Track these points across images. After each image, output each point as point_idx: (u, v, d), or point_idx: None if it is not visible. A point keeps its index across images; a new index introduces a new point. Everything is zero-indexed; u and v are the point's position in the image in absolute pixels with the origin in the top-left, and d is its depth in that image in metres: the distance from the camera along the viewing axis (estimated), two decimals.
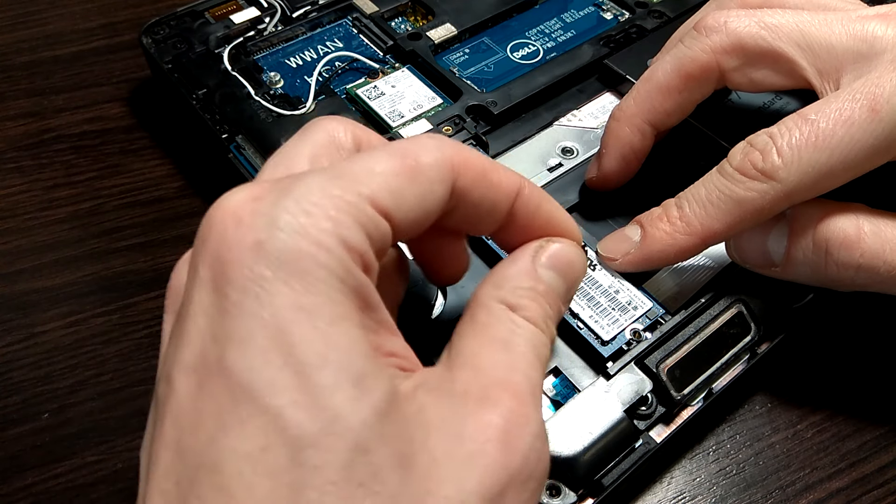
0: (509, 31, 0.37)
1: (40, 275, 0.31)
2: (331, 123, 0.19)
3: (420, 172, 0.16)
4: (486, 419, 0.16)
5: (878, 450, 0.27)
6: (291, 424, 0.13)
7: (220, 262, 0.14)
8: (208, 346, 0.14)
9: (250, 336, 0.14)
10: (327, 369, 0.14)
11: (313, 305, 0.14)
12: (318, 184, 0.15)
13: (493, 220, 0.19)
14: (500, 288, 0.18)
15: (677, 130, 0.32)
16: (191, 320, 0.15)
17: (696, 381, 0.25)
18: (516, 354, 0.17)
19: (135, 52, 0.39)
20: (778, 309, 0.27)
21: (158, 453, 0.15)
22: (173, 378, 0.15)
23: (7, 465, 0.25)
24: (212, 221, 0.15)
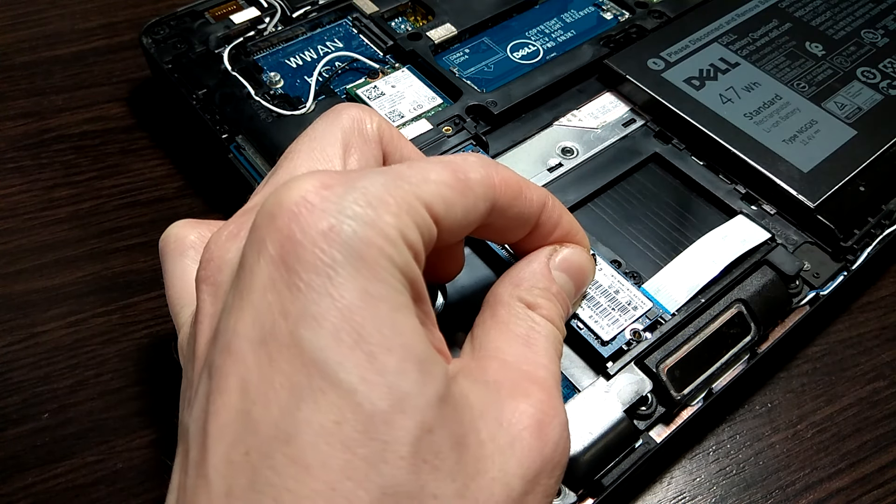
0: (509, 31, 0.37)
1: (40, 275, 0.31)
2: (356, 111, 0.20)
3: (469, 188, 0.17)
4: (521, 408, 0.17)
5: (878, 450, 0.27)
6: (364, 400, 0.14)
7: (292, 241, 0.15)
8: (278, 321, 0.15)
9: (322, 315, 0.14)
10: (394, 353, 0.15)
11: (379, 292, 0.15)
12: (382, 182, 0.16)
13: (521, 231, 0.20)
14: (518, 287, 0.20)
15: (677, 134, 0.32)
16: (255, 293, 0.15)
17: (696, 381, 0.25)
18: (538, 350, 0.19)
19: (135, 52, 0.39)
20: (778, 309, 0.27)
21: (222, 423, 0.15)
22: (237, 348, 0.15)
23: (7, 465, 0.25)
24: (282, 202, 0.15)
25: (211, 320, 0.17)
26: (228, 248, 0.18)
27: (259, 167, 0.30)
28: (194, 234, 0.22)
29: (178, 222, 0.22)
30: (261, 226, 0.16)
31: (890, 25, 0.36)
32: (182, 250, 0.22)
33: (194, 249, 0.22)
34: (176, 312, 0.21)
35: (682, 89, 0.32)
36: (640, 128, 0.32)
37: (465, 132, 0.31)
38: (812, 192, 0.28)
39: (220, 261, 0.18)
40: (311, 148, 0.19)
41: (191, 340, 0.18)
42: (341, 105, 0.21)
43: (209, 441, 0.15)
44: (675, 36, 0.35)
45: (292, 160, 0.19)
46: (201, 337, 0.17)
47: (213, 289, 0.17)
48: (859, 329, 0.30)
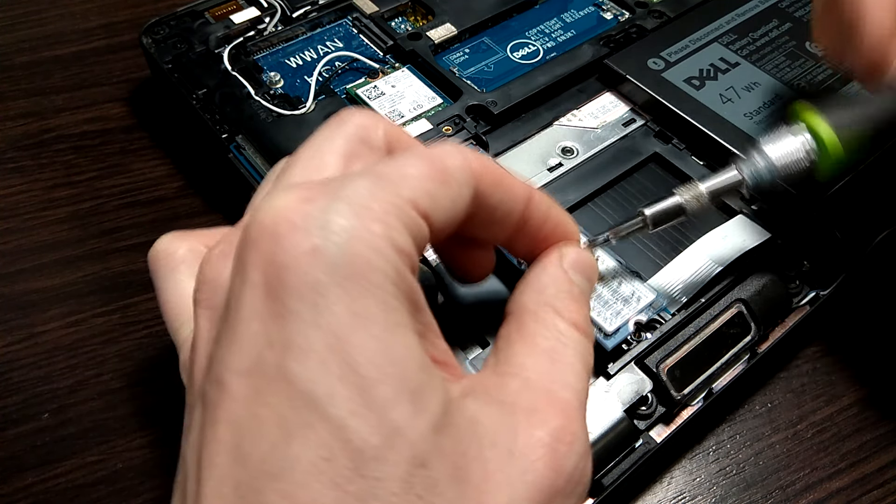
0: (509, 31, 0.37)
1: (40, 275, 0.31)
2: (362, 118, 0.19)
3: (450, 176, 0.17)
4: (536, 435, 0.16)
5: (878, 450, 0.27)
6: (354, 436, 0.13)
7: (274, 265, 0.14)
8: (265, 352, 0.14)
9: (309, 345, 0.14)
10: (385, 382, 0.14)
11: (369, 312, 0.14)
12: (365, 186, 0.15)
13: (508, 223, 0.19)
14: (542, 293, 0.19)
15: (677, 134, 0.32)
16: (243, 324, 0.15)
17: (696, 381, 0.25)
18: (564, 365, 0.18)
19: (135, 52, 0.39)
20: (778, 309, 0.27)
21: (213, 457, 0.14)
22: (226, 381, 0.14)
23: (7, 465, 0.25)
24: (262, 223, 0.15)
25: (206, 346, 0.16)
26: (221, 269, 0.17)
27: (259, 167, 0.30)
28: (184, 248, 0.21)
29: (164, 236, 0.22)
30: (243, 250, 0.15)
31: None
32: (173, 266, 0.21)
33: (185, 264, 0.21)
34: (175, 330, 0.20)
35: (682, 89, 0.32)
36: (640, 128, 0.32)
37: (465, 132, 0.31)
38: (812, 191, 0.28)
39: (215, 283, 0.17)
40: (310, 157, 0.18)
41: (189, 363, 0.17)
42: (346, 111, 0.19)
43: (202, 473, 0.14)
44: (675, 36, 0.35)
45: (289, 171, 0.18)
46: (197, 363, 0.17)
47: (209, 312, 0.17)
48: (859, 329, 0.30)
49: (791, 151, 0.24)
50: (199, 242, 0.22)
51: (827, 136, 0.23)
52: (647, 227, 0.23)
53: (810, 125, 0.24)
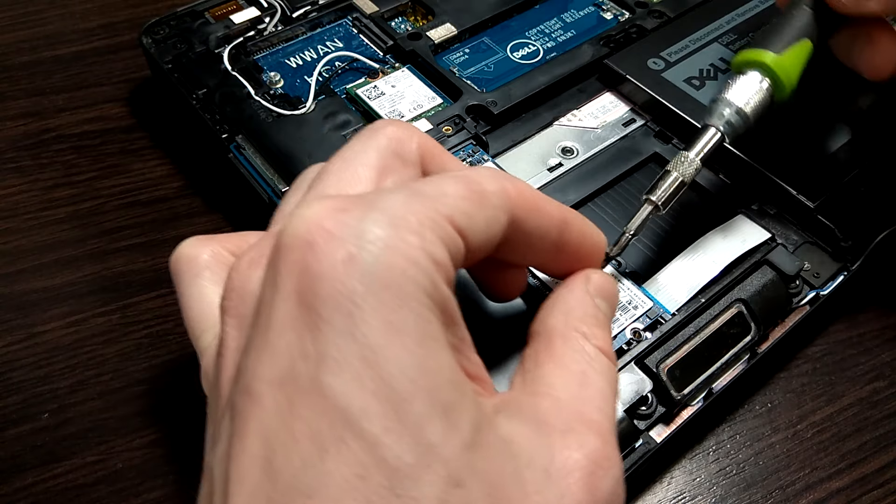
0: (509, 31, 0.37)
1: (40, 275, 0.31)
2: (395, 130, 0.19)
3: (486, 199, 0.17)
4: (573, 457, 0.16)
5: (878, 450, 0.27)
6: (388, 453, 0.13)
7: (309, 274, 0.14)
8: (298, 363, 0.14)
9: (344, 357, 0.14)
10: (418, 398, 0.14)
11: (404, 324, 0.14)
12: (401, 199, 0.15)
13: (542, 248, 0.19)
14: (570, 316, 0.19)
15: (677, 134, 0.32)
16: (275, 333, 0.14)
17: (696, 381, 0.25)
18: (595, 390, 0.17)
19: (135, 52, 0.39)
20: (778, 309, 0.27)
21: (243, 472, 0.14)
22: (257, 391, 0.14)
23: (7, 465, 0.25)
24: (296, 231, 0.14)
25: (234, 355, 0.16)
26: (250, 277, 0.17)
27: (259, 167, 0.30)
28: (207, 253, 0.21)
29: (187, 241, 0.21)
30: (277, 259, 0.15)
31: None
32: (196, 271, 0.21)
33: (210, 270, 0.21)
34: (196, 336, 0.20)
35: (682, 89, 0.32)
36: (640, 128, 0.32)
37: (465, 132, 0.31)
38: (812, 192, 0.28)
39: (243, 291, 0.17)
40: (342, 168, 0.18)
41: (215, 372, 0.17)
42: (381, 122, 0.19)
43: (231, 487, 0.14)
44: (675, 36, 0.35)
45: (321, 182, 0.18)
46: (224, 372, 0.16)
47: (236, 321, 0.16)
48: (859, 329, 0.30)
49: (749, 91, 0.25)
50: (222, 248, 0.21)
51: (770, 59, 0.25)
52: (660, 209, 0.24)
53: (753, 60, 0.25)
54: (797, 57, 0.25)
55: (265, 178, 0.30)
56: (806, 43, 0.26)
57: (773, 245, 0.28)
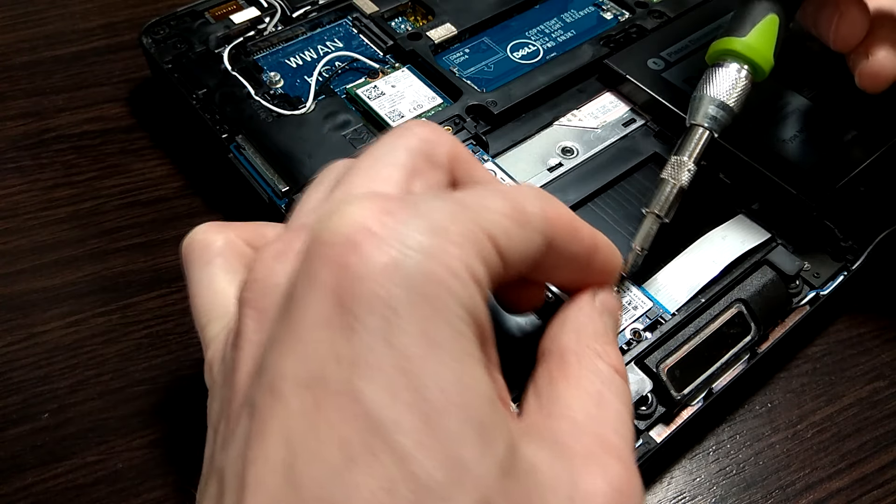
0: (509, 31, 0.37)
1: (40, 275, 0.31)
2: (426, 131, 0.18)
3: (526, 219, 0.16)
4: (597, 485, 0.15)
5: (878, 450, 0.27)
6: (419, 469, 0.13)
7: (349, 275, 0.13)
8: (329, 365, 0.13)
9: (379, 364, 0.13)
10: (453, 415, 0.13)
11: (442, 337, 0.13)
12: (445, 208, 0.15)
13: (571, 270, 0.19)
14: (581, 334, 0.19)
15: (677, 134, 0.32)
16: (306, 331, 0.14)
17: (696, 381, 0.25)
18: (612, 411, 0.17)
19: (135, 52, 0.39)
20: (778, 309, 0.27)
21: (262, 476, 0.13)
22: (282, 390, 0.13)
23: (7, 465, 0.25)
24: (339, 229, 0.14)
25: (254, 350, 0.15)
26: (275, 270, 0.16)
27: (259, 167, 0.30)
28: (221, 240, 0.20)
29: (201, 226, 0.21)
30: (315, 254, 0.14)
31: None
32: (208, 258, 0.20)
33: (222, 257, 0.20)
34: (203, 325, 0.19)
35: (682, 89, 0.32)
36: (640, 128, 0.32)
37: (465, 132, 0.31)
38: (812, 192, 0.28)
39: (267, 283, 0.16)
40: (371, 167, 0.17)
41: (228, 365, 0.16)
42: (413, 122, 0.19)
43: (247, 492, 0.13)
44: (675, 36, 0.35)
45: (350, 179, 0.17)
46: (242, 366, 0.15)
47: (257, 314, 0.16)
48: (859, 329, 0.30)
49: (729, 83, 0.25)
50: (237, 236, 0.21)
51: (740, 46, 0.25)
52: (664, 220, 0.24)
53: (724, 49, 0.25)
54: (766, 34, 0.25)
55: (265, 178, 0.30)
56: (772, 18, 0.25)
57: (773, 245, 0.28)
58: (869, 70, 0.26)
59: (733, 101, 0.25)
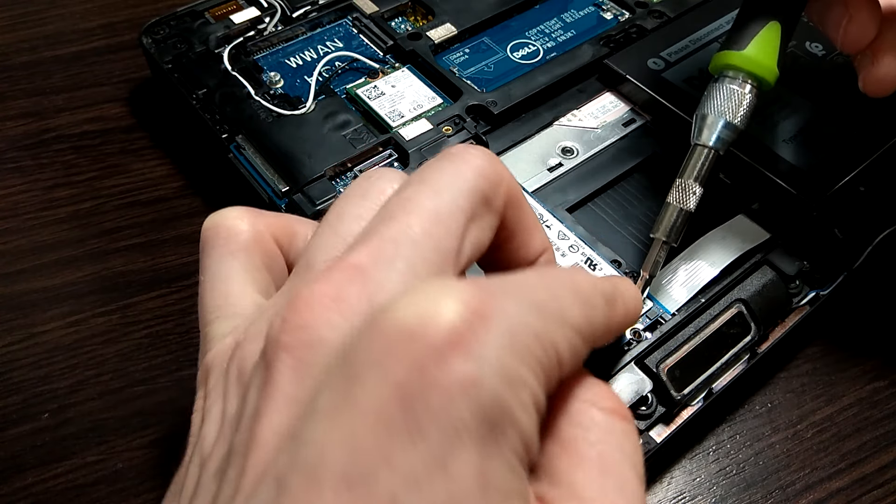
0: (509, 31, 0.37)
1: (40, 275, 0.31)
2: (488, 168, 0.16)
3: (593, 338, 0.15)
4: None
5: (878, 450, 0.27)
6: None
7: (425, 379, 0.12)
8: (380, 470, 0.12)
9: (430, 488, 0.12)
10: None
11: (496, 477, 0.12)
12: (529, 317, 0.13)
13: None
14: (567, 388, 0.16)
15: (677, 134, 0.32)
16: (361, 420, 0.12)
17: (696, 381, 0.25)
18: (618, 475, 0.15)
19: (135, 52, 0.39)
20: (778, 309, 0.27)
21: None
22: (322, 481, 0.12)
23: (7, 465, 0.25)
24: (428, 325, 0.12)
25: (288, 407, 0.14)
26: (327, 322, 0.14)
27: (259, 167, 0.30)
28: (248, 232, 0.18)
29: (230, 211, 0.19)
30: (387, 338, 0.13)
31: None
32: (231, 249, 0.18)
33: (246, 252, 0.18)
34: (208, 321, 0.18)
35: (682, 89, 0.32)
36: (640, 128, 0.32)
37: (465, 132, 0.31)
38: (812, 192, 0.28)
39: (314, 335, 0.14)
40: (431, 210, 0.15)
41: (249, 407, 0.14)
42: (468, 152, 0.16)
43: None
44: (675, 36, 0.35)
45: (407, 216, 0.15)
46: (270, 422, 0.14)
47: (298, 366, 0.14)
48: (860, 329, 0.30)
49: (735, 101, 0.24)
50: (267, 229, 0.19)
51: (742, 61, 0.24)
52: (672, 244, 0.24)
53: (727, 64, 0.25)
54: (768, 44, 0.24)
55: (265, 178, 0.30)
56: (773, 26, 0.24)
57: (773, 245, 0.28)
58: (874, 76, 0.25)
59: (740, 120, 0.24)
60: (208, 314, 0.18)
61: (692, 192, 0.24)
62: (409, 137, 0.31)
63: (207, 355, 0.17)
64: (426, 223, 0.15)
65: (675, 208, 0.24)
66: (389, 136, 0.31)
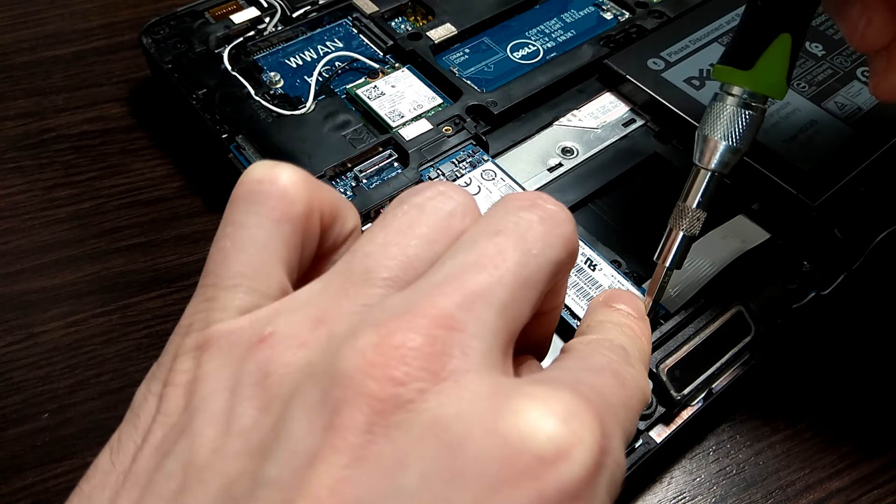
0: (509, 31, 0.37)
1: (40, 275, 0.31)
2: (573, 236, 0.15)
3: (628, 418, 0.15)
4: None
5: (878, 450, 0.27)
6: None
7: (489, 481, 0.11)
8: None
9: None
10: None
11: None
12: (619, 455, 0.13)
13: None
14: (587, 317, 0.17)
15: (677, 134, 0.32)
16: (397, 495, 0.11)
17: (696, 381, 0.25)
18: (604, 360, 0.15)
19: (135, 52, 0.39)
20: (778, 309, 0.27)
21: None
22: None
23: (7, 465, 0.25)
24: (557, 453, 0.12)
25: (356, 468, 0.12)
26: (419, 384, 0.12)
27: None
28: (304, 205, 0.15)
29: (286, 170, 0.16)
30: (518, 468, 0.11)
31: None
32: (278, 217, 0.15)
33: (293, 225, 0.15)
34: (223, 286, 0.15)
35: (682, 89, 0.32)
36: (640, 128, 0.32)
37: (465, 132, 0.31)
38: (812, 192, 0.28)
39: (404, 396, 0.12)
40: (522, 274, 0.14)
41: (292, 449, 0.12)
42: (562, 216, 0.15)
43: None
44: (675, 36, 0.35)
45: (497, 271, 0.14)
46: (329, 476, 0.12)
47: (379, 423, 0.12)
48: (859, 329, 0.30)
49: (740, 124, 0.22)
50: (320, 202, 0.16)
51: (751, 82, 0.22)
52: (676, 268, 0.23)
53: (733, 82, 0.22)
54: (778, 59, 0.22)
55: None
56: (783, 38, 0.22)
57: (773, 245, 0.28)
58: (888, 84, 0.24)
59: (746, 143, 0.22)
60: (227, 278, 0.15)
61: (696, 217, 0.23)
62: (409, 137, 0.31)
63: (214, 326, 0.14)
64: (516, 284, 0.14)
65: (677, 234, 0.23)
66: (389, 137, 0.31)
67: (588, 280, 0.26)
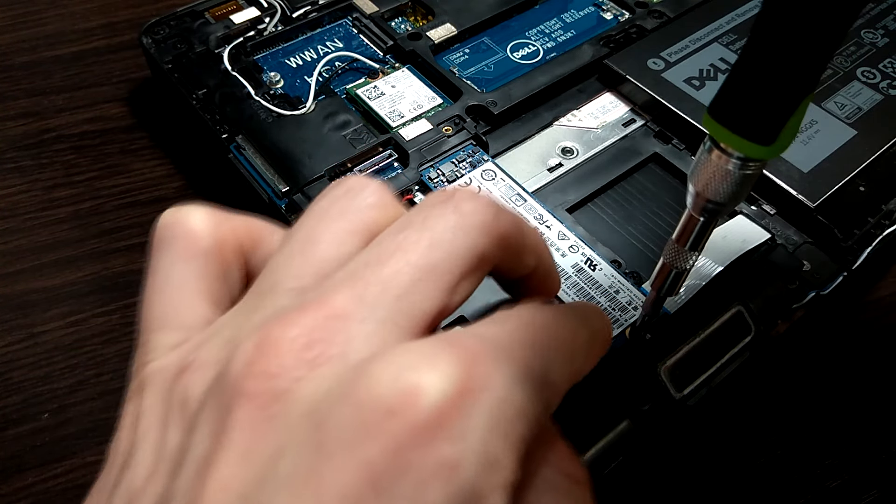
0: (509, 31, 0.37)
1: (40, 275, 0.31)
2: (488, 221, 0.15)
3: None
4: None
5: (877, 450, 0.27)
6: None
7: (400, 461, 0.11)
8: None
9: None
10: None
11: None
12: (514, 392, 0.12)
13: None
14: None
15: (677, 134, 0.32)
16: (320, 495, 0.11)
17: (696, 381, 0.25)
18: None
19: (135, 52, 0.39)
20: (778, 309, 0.27)
21: None
22: None
23: (7, 465, 0.25)
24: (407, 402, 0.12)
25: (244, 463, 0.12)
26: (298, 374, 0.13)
27: (259, 167, 0.30)
28: (211, 238, 0.17)
29: (192, 210, 0.17)
30: (368, 418, 0.12)
31: (890, 25, 0.36)
32: (188, 255, 0.16)
33: (207, 258, 0.16)
34: (151, 329, 0.16)
35: (682, 89, 0.32)
36: (640, 128, 0.32)
37: (465, 132, 0.31)
38: (812, 192, 0.28)
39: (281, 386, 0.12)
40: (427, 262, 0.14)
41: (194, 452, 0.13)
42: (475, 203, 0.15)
43: None
44: (675, 36, 0.35)
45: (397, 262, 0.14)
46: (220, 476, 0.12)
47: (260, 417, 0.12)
48: (858, 329, 0.30)
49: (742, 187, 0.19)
50: (232, 233, 0.17)
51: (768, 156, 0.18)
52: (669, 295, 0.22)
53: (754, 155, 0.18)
54: (797, 121, 0.18)
55: (265, 178, 0.30)
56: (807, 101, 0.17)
57: (773, 245, 0.28)
58: None
59: (742, 199, 0.19)
60: (152, 321, 0.16)
61: (686, 257, 0.21)
62: (409, 137, 0.31)
63: (147, 367, 0.15)
64: (418, 273, 0.14)
65: (670, 269, 0.22)
66: (389, 137, 0.31)
67: (588, 280, 0.26)
